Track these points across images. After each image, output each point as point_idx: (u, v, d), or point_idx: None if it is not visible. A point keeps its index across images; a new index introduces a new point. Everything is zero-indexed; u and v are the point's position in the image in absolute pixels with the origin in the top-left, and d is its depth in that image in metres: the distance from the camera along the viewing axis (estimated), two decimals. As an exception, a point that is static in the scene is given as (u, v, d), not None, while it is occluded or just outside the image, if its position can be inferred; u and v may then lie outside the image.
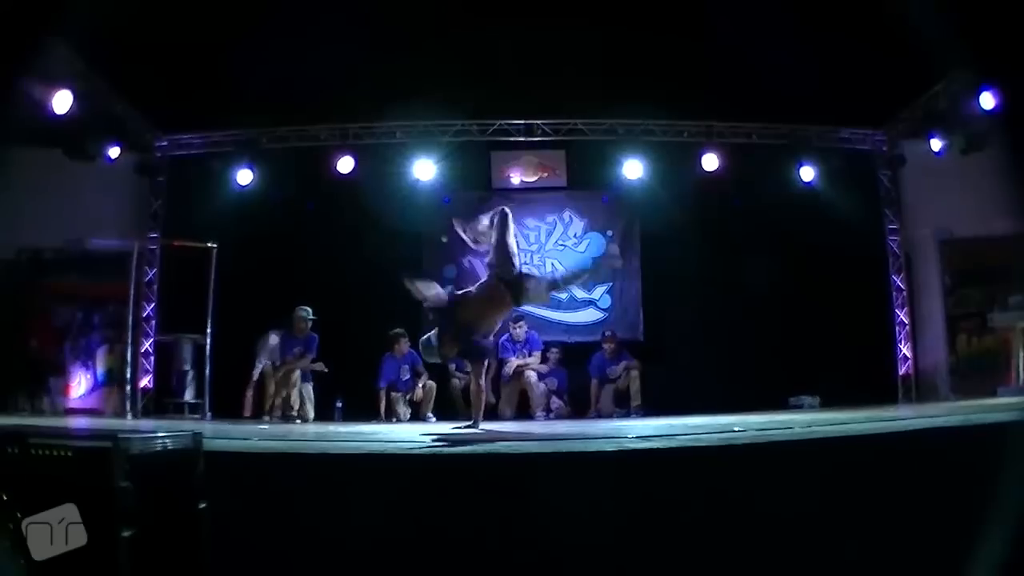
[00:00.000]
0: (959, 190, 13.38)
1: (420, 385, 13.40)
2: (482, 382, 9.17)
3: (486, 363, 9.34)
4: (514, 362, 13.79)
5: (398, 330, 13.13)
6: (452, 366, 13.37)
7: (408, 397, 13.42)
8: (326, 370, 13.03)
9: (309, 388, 13.08)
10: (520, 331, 13.91)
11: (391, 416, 13.15)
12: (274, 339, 13.59)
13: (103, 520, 2.99)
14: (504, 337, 13.77)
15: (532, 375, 13.70)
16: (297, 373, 12.80)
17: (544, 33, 11.79)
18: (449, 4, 11.49)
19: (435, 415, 13.20)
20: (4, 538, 2.93)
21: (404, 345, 13.17)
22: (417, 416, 13.25)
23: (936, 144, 13.71)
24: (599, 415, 13.64)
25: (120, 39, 11.07)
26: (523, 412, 13.69)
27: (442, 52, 12.09)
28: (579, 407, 14.08)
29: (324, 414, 13.09)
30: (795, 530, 4.14)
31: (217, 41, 11.23)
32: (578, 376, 14.29)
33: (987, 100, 12.00)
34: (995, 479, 3.75)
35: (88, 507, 3.00)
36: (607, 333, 14.43)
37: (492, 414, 13.23)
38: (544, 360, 14.09)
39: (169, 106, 13.58)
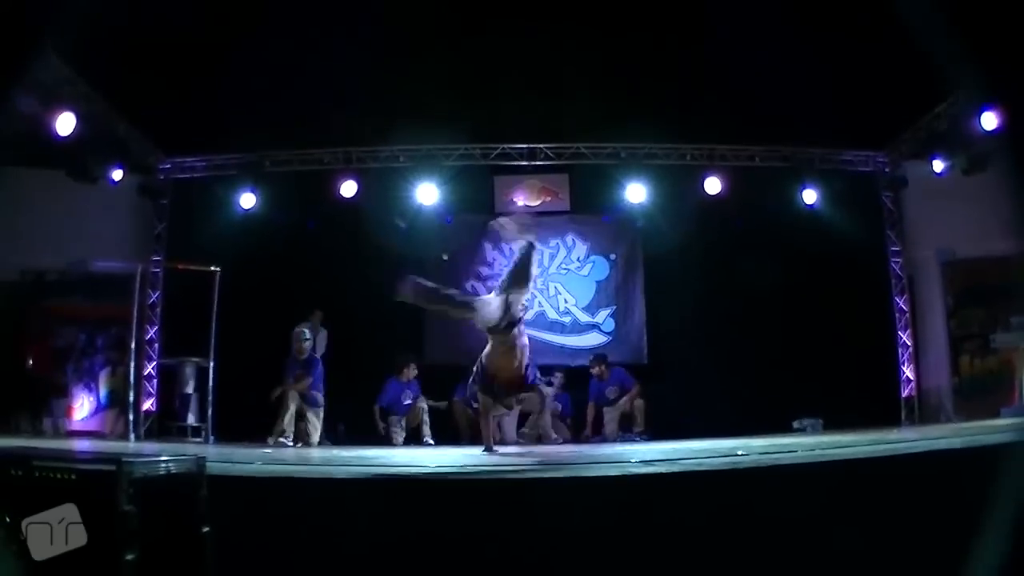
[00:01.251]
0: (961, 211, 13.36)
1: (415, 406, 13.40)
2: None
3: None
4: None
5: (407, 356, 13.11)
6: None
7: (403, 422, 13.39)
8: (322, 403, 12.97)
9: (318, 412, 12.91)
10: None
11: (387, 440, 13.12)
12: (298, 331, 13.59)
13: (107, 543, 3.00)
14: None
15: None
16: (294, 395, 12.56)
17: (546, 57, 11.84)
18: (452, 29, 11.53)
19: (434, 440, 13.17)
20: (9, 559, 2.94)
21: (411, 371, 13.18)
22: (416, 440, 13.21)
23: (938, 165, 13.71)
24: (603, 439, 13.55)
25: (124, 62, 11.13)
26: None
27: (445, 76, 12.13)
28: (582, 431, 14.01)
29: (327, 437, 13.06)
30: (800, 553, 4.13)
31: (220, 64, 11.27)
32: (581, 400, 14.24)
33: (988, 120, 11.97)
34: (999, 500, 3.74)
35: (92, 530, 3.01)
36: (591, 357, 14.41)
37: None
38: (550, 383, 13.96)
39: (172, 129, 13.62)
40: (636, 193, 14.67)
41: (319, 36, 11.57)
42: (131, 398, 14.04)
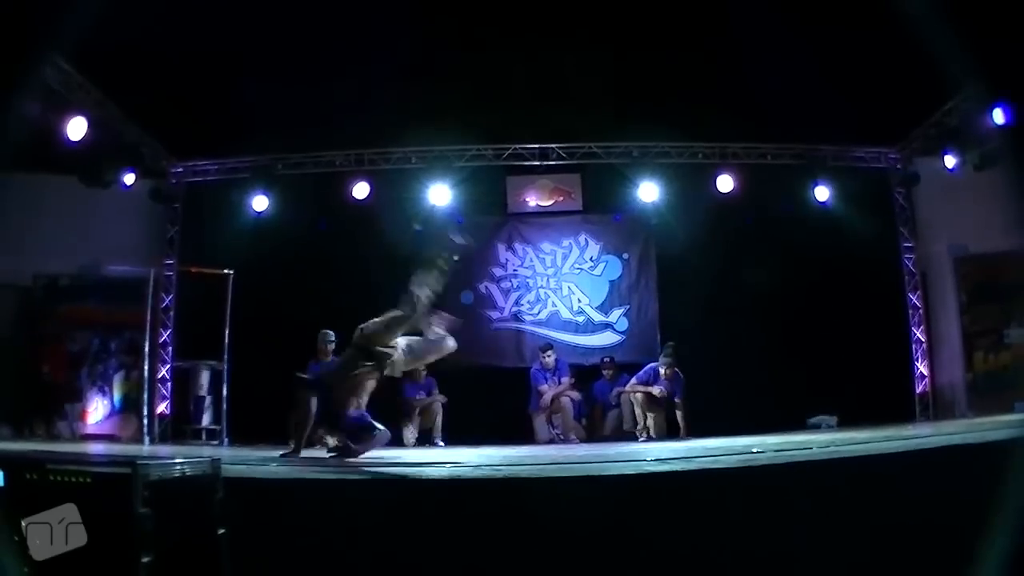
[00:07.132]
0: (973, 206, 13.27)
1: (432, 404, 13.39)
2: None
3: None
4: (548, 390, 13.75)
5: None
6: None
7: (418, 410, 13.35)
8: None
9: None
10: (550, 359, 13.91)
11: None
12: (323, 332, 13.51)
13: (122, 547, 3.00)
14: (535, 366, 13.97)
15: (567, 401, 13.69)
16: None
17: (558, 57, 11.83)
18: (463, 30, 11.53)
19: (444, 440, 13.16)
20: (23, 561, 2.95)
21: (422, 374, 13.13)
22: (427, 440, 13.20)
23: (950, 161, 13.59)
24: (604, 439, 13.59)
25: (135, 66, 11.15)
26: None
27: (457, 78, 12.13)
28: (593, 430, 14.03)
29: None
30: (815, 549, 4.13)
31: (231, 67, 11.28)
32: (592, 400, 14.27)
33: (999, 116, 11.92)
34: (1012, 494, 3.73)
35: (107, 533, 3.01)
36: (605, 359, 14.53)
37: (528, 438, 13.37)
38: (573, 386, 14.01)
39: (184, 133, 13.64)
40: (648, 192, 14.67)
41: (330, 39, 11.58)
42: (145, 401, 14.06)
